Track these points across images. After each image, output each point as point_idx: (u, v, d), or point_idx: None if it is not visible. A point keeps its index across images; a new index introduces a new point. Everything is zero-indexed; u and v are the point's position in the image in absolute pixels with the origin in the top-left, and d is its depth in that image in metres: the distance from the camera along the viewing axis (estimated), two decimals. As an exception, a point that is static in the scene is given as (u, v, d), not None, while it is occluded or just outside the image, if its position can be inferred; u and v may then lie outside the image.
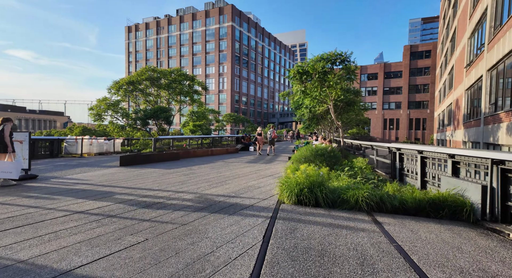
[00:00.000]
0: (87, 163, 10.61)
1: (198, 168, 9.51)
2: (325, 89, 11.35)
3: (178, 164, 10.48)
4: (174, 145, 17.92)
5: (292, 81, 12.71)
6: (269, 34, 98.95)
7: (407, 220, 4.08)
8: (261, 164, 11.11)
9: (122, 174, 7.95)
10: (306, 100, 13.65)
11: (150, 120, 22.05)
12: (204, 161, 11.73)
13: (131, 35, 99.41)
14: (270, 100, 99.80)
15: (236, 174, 8.15)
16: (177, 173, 8.18)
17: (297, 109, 17.57)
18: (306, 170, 5.27)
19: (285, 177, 6.23)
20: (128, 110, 23.21)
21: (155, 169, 9.09)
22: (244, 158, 13.35)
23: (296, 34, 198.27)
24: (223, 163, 11.20)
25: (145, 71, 24.03)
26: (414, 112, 63.52)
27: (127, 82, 23.15)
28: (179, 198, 5.15)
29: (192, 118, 30.63)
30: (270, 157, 14.35)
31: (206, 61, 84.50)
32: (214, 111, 36.17)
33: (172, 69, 25.11)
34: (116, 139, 17.10)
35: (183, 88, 25.09)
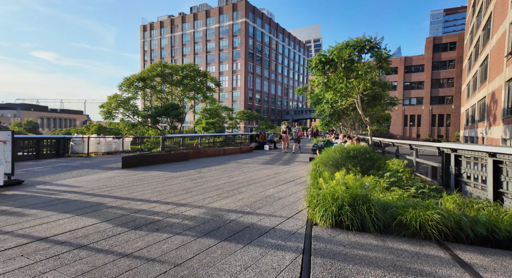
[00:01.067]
0: (90, 164, 9.77)
1: (208, 170, 8.41)
2: (351, 80, 9.93)
3: (187, 166, 9.43)
4: (185, 143, 16.99)
5: (313, 73, 11.36)
6: (283, 30, 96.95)
7: (508, 259, 2.74)
8: (279, 165, 9.88)
9: (121, 178, 6.96)
10: (328, 94, 12.26)
11: (161, 117, 21.28)
12: (215, 162, 10.64)
13: (146, 34, 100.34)
14: (284, 98, 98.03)
15: (251, 179, 6.97)
16: (183, 177, 7.11)
17: (316, 105, 16.18)
18: (344, 179, 3.99)
19: (312, 186, 4.98)
20: (138, 108, 22.64)
21: (160, 171, 8.07)
22: (259, 158, 12.16)
23: (311, 30, 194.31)
24: (236, 164, 10.06)
25: (156, 67, 23.29)
26: (437, 108, 60.08)
27: (138, 78, 22.49)
28: (180, 214, 4.03)
29: (204, 116, 29.76)
30: (287, 156, 13.09)
31: (219, 58, 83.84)
32: (227, 108, 35.21)
33: (184, 65, 24.27)
34: (126, 137, 16.36)
35: (195, 85, 24.19)
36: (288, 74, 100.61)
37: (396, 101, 14.49)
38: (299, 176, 7.48)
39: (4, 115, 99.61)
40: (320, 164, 6.79)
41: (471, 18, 38.91)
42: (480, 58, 28.97)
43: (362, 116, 10.85)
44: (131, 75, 22.72)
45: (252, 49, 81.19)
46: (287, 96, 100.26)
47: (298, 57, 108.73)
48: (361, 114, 10.89)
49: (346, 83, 9.92)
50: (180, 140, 13.72)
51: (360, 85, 10.30)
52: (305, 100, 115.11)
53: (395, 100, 14.68)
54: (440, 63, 59.11)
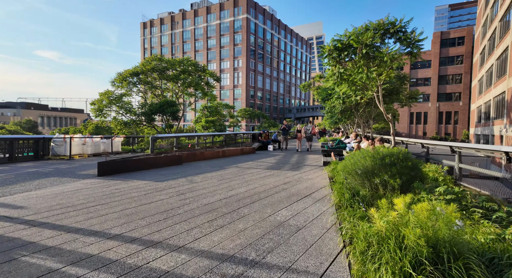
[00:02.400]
0: (64, 170, 8.28)
1: (202, 179, 6.88)
2: (374, 69, 8.34)
3: (177, 172, 7.92)
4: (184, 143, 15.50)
5: (326, 62, 9.76)
6: (285, 26, 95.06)
7: None
8: (288, 170, 8.35)
9: (88, 192, 5.45)
10: (341, 87, 10.66)
11: (156, 115, 19.77)
12: (212, 166, 9.12)
13: (146, 31, 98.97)
14: (286, 95, 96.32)
15: (255, 192, 5.44)
16: (169, 190, 5.59)
17: (326, 101, 14.60)
18: (414, 210, 2.42)
19: (347, 212, 3.44)
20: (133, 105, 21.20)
21: (142, 181, 6.56)
22: (263, 161, 10.63)
23: (313, 27, 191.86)
24: (237, 169, 8.53)
25: (151, 61, 21.72)
26: (444, 105, 58.33)
27: (132, 73, 20.95)
28: (143, 267, 2.50)
29: (204, 114, 28.24)
30: (295, 159, 11.55)
31: (220, 55, 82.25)
32: (228, 106, 33.62)
33: (181, 59, 22.70)
34: (116, 137, 14.87)
35: (193, 80, 22.58)
36: (290, 71, 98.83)
37: (418, 96, 12.89)
38: (316, 187, 5.94)
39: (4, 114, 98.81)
40: (346, 173, 5.23)
41: (484, 10, 37.01)
42: (497, 51, 27.19)
43: (384, 112, 9.25)
44: (125, 70, 21.22)
45: (254, 46, 79.50)
46: (289, 94, 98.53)
47: (301, 54, 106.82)
48: (382, 110, 9.30)
49: (367, 73, 8.32)
50: (173, 141, 12.19)
51: (383, 75, 8.70)
52: (307, 98, 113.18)
53: (416, 95, 13.07)
54: (447, 59, 57.29)
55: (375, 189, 5.08)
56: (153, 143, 10.05)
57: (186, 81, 22.45)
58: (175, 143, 11.67)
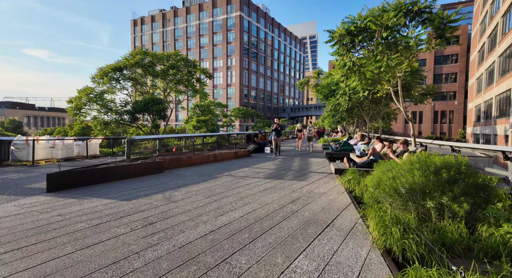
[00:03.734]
0: (9, 182, 6.56)
1: (185, 195, 5.30)
2: (396, 56, 6.88)
3: (154, 184, 6.30)
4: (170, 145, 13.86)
5: (334, 51, 8.27)
6: (279, 25, 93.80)
7: None
8: (292, 180, 6.82)
9: (16, 221, 3.81)
10: (351, 80, 9.20)
11: (141, 114, 17.98)
12: (200, 174, 7.53)
13: (137, 29, 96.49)
14: (280, 95, 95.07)
15: (256, 218, 3.90)
16: (134, 215, 4.00)
17: (330, 98, 13.14)
18: None
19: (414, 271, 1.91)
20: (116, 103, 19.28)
21: (104, 199, 4.94)
22: (261, 167, 9.09)
23: (306, 26, 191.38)
24: (230, 179, 6.96)
25: (135, 54, 19.88)
26: (439, 104, 57.97)
27: (114, 68, 19.08)
28: None
29: (196, 113, 26.53)
30: (298, 163, 10.04)
31: (213, 54, 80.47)
32: (221, 105, 31.94)
33: (169, 53, 20.94)
34: (93, 138, 13.12)
35: (183, 77, 20.83)
36: (284, 70, 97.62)
37: (433, 91, 11.56)
38: (336, 208, 4.42)
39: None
40: (379, 190, 3.72)
41: (482, 7, 36.24)
42: (500, 48, 26.25)
43: (403, 109, 7.82)
44: (106, 65, 19.34)
45: (247, 45, 77.96)
46: (283, 94, 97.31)
47: (295, 53, 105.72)
48: (401, 106, 7.86)
49: (387, 62, 6.86)
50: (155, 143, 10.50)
51: (404, 65, 7.26)
52: (301, 98, 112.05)
53: (433, 90, 11.73)
54: (442, 57, 56.98)
55: (424, 214, 3.60)
56: (129, 146, 8.41)
57: (175, 77, 20.68)
58: (158, 145, 10.01)
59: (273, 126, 12.59)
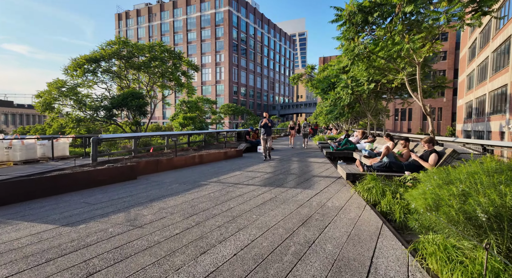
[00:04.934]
0: None
1: (157, 213, 3.93)
2: (421, 36, 5.67)
3: (119, 197, 4.89)
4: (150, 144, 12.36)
5: (340, 35, 7.02)
6: (269, 21, 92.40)
7: None
8: (295, 188, 5.54)
9: None
10: (358, 68, 7.99)
11: (119, 110, 16.24)
12: (182, 181, 6.16)
13: (122, 23, 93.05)
14: (270, 92, 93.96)
15: (256, 256, 2.60)
16: (71, 257, 2.61)
17: (329, 91, 11.93)
18: None
19: None
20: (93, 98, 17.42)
21: (38, 224, 3.51)
22: (255, 170, 7.77)
23: (295, 23, 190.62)
24: (219, 187, 5.61)
25: (112, 44, 18.02)
26: (427, 102, 57.92)
27: (89, 59, 17.18)
28: None
29: (182, 109, 24.92)
30: (296, 164, 8.78)
31: (201, 49, 78.38)
32: (209, 101, 30.36)
33: (151, 44, 19.21)
34: (61, 137, 11.46)
35: (167, 69, 19.14)
36: (274, 67, 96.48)
37: (446, 84, 10.54)
38: (367, 233, 3.15)
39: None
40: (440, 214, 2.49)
41: (472, 3, 36.01)
42: (494, 43, 25.83)
43: (421, 102, 6.67)
44: (81, 55, 17.37)
45: (237, 40, 76.25)
46: (273, 91, 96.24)
47: (284, 50, 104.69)
48: (419, 99, 6.70)
49: (410, 42, 5.65)
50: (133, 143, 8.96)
51: (425, 48, 6.08)
52: (291, 95, 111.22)
53: (443, 83, 10.71)
54: (430, 55, 57.22)
55: None
56: (95, 147, 6.90)
57: (159, 70, 18.97)
58: (134, 145, 8.51)
59: (262, 121, 9.86)
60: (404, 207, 3.92)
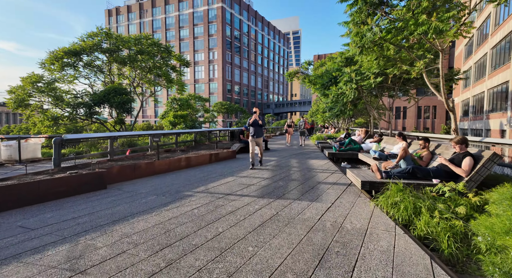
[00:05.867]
0: None
1: (114, 246, 2.84)
2: (452, 14, 4.68)
3: (74, 217, 3.77)
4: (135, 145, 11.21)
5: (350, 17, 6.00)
6: (263, 18, 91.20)
7: None
8: (300, 201, 4.50)
9: None
10: (367, 58, 6.99)
11: (100, 107, 14.88)
12: (159, 192, 5.06)
13: (112, 19, 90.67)
14: (264, 90, 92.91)
15: None
16: None
17: (331, 86, 10.92)
18: None
19: None
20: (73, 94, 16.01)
21: None
22: (250, 175, 6.72)
23: (289, 21, 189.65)
24: (206, 200, 4.53)
25: (94, 35, 16.59)
26: (422, 100, 58.23)
27: (68, 52, 15.74)
28: None
29: (173, 107, 23.64)
30: (297, 167, 7.76)
31: (194, 47, 76.78)
32: (202, 98, 29.10)
33: (137, 36, 17.86)
34: (32, 138, 10.19)
35: (155, 64, 17.81)
36: (268, 65, 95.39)
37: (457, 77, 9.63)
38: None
39: None
40: None
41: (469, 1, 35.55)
42: (493, 39, 25.27)
43: (444, 96, 5.71)
44: (59, 48, 15.93)
45: (230, 38, 74.89)
46: (268, 89, 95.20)
47: (278, 48, 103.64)
48: (441, 93, 5.73)
49: (435, 22, 4.66)
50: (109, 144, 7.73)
51: (452, 30, 5.11)
52: (285, 94, 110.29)
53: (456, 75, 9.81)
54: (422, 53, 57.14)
55: None
56: (57, 150, 5.72)
57: (146, 65, 17.63)
58: (110, 147, 7.34)
59: (251, 118, 7.76)
60: (452, 231, 2.91)
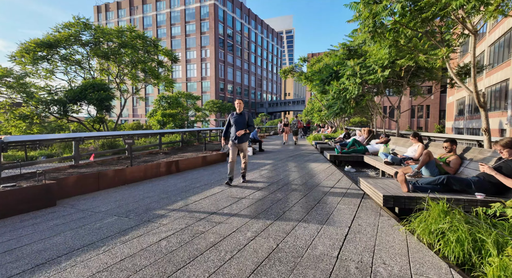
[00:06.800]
0: None
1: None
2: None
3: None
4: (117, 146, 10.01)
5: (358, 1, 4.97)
6: (256, 16, 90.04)
7: None
8: (307, 223, 3.44)
9: None
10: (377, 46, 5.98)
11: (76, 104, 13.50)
12: (123, 212, 3.93)
13: (101, 16, 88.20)
14: (258, 89, 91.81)
15: None
16: None
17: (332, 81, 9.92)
18: None
19: None
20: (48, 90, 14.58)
21: None
22: (242, 184, 5.64)
23: (283, 20, 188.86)
24: (182, 223, 3.43)
25: (70, 26, 15.09)
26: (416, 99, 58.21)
27: (41, 44, 14.25)
28: None
29: (161, 105, 22.36)
30: (296, 172, 6.71)
31: (186, 44, 75.13)
32: (192, 97, 27.79)
33: (120, 28, 16.49)
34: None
35: (139, 59, 16.48)
36: (262, 64, 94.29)
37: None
38: None
39: None
40: None
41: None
42: (491, 37, 24.75)
43: (474, 88, 4.75)
44: (31, 39, 14.41)
45: (223, 36, 73.51)
46: (261, 88, 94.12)
47: (272, 47, 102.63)
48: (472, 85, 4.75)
49: None
50: (73, 147, 6.51)
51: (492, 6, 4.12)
52: (279, 93, 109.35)
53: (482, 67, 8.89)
54: (418, 52, 57.10)
55: None
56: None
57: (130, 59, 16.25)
58: (75, 151, 6.11)
59: (233, 114, 5.65)
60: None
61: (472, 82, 4.77)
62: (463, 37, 5.34)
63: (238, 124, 5.51)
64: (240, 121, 5.53)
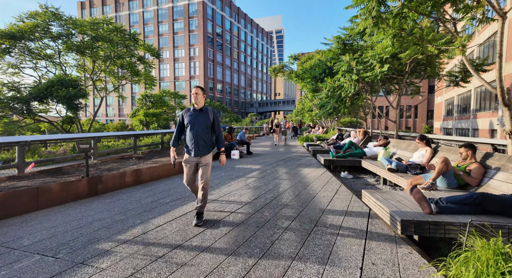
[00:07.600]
0: None
1: None
2: None
3: None
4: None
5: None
6: (245, 15, 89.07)
7: None
8: (303, 264, 2.54)
9: None
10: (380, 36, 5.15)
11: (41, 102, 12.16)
12: (51, 248, 2.92)
13: (85, 12, 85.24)
14: (248, 89, 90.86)
15: None
16: None
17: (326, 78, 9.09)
18: None
19: None
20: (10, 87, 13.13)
21: None
22: (221, 196, 4.69)
23: (272, 20, 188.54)
24: (132, 263, 2.49)
25: (36, 15, 13.67)
26: (404, 99, 58.66)
27: (3, 34, 12.76)
28: None
29: (145, 104, 21.09)
30: (288, 181, 5.82)
31: (174, 43, 73.42)
32: (178, 95, 26.56)
33: (95, 19, 15.20)
34: None
35: (116, 53, 15.20)
36: (251, 64, 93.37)
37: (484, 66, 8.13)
38: None
39: None
40: None
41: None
42: (480, 37, 24.65)
43: (499, 84, 3.98)
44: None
45: (212, 34, 72.17)
46: (251, 88, 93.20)
47: (262, 46, 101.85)
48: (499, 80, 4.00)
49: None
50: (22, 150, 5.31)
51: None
52: (269, 93, 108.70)
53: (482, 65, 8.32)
54: (406, 53, 57.70)
55: None
56: None
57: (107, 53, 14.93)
58: (17, 158, 4.97)
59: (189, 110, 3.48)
60: None
61: (497, 76, 3.99)
62: (485, 22, 4.60)
63: (198, 127, 3.36)
64: (201, 121, 3.38)
